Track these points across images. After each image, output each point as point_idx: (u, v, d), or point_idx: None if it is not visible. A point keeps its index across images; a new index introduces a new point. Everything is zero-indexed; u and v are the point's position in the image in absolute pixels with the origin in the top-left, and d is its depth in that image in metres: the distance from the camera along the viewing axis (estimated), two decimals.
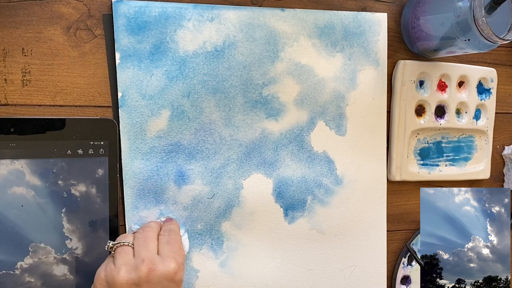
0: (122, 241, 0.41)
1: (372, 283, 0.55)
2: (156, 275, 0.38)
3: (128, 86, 0.44)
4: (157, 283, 0.38)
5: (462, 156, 0.58)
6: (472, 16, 0.43)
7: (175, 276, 0.39)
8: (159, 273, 0.38)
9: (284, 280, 0.51)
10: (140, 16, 0.44)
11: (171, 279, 0.39)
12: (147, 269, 0.38)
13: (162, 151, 0.46)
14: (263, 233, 0.50)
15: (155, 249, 0.41)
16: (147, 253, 0.40)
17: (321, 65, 0.50)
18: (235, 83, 0.47)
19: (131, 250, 0.40)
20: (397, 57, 0.54)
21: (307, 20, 0.49)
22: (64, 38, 0.43)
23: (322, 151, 0.51)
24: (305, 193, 0.51)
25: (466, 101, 0.56)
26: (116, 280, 0.38)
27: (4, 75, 0.42)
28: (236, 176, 0.48)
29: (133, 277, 0.38)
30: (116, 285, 0.38)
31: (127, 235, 0.42)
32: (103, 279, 0.39)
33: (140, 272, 0.38)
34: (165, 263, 0.39)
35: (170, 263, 0.39)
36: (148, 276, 0.38)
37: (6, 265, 0.41)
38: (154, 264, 0.39)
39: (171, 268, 0.39)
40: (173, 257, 0.40)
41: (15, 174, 0.41)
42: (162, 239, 0.42)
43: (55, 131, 0.42)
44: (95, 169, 0.43)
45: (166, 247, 0.41)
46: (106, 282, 0.39)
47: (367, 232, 0.54)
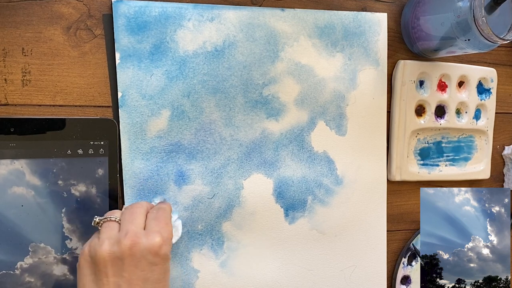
0: (109, 216, 0.40)
1: (372, 283, 0.55)
2: (140, 248, 0.37)
3: (128, 86, 0.44)
4: (141, 257, 0.37)
5: (462, 156, 0.58)
6: (472, 16, 0.43)
7: (159, 250, 0.38)
8: (142, 247, 0.37)
9: (284, 280, 0.51)
10: (140, 16, 0.44)
11: (155, 253, 0.38)
12: (130, 242, 0.37)
13: (162, 151, 0.46)
14: (263, 233, 0.50)
15: (141, 224, 0.39)
16: (132, 227, 0.38)
17: (321, 65, 0.50)
18: (235, 83, 0.47)
19: (117, 225, 0.39)
20: (397, 57, 0.54)
21: (307, 20, 0.49)
22: (64, 38, 0.43)
23: (323, 151, 0.51)
24: (306, 193, 0.51)
25: (466, 101, 0.56)
26: (98, 253, 0.37)
27: (4, 75, 0.41)
28: (237, 176, 0.48)
29: (116, 250, 0.37)
30: (98, 258, 0.37)
31: (115, 211, 0.41)
32: (86, 254, 0.38)
33: (122, 245, 0.37)
34: (149, 237, 0.38)
35: (155, 237, 0.38)
36: (131, 249, 0.37)
37: (6, 265, 0.41)
38: (137, 237, 0.37)
39: (155, 242, 0.38)
40: (159, 231, 0.39)
41: (15, 174, 0.41)
42: (150, 215, 0.41)
43: (55, 131, 0.42)
44: (95, 169, 0.43)
45: (152, 222, 0.40)
46: (90, 257, 0.38)
47: (367, 232, 0.54)
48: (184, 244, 0.47)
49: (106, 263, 0.37)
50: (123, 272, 0.37)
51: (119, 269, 0.37)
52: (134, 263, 0.37)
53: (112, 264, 0.37)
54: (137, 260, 0.37)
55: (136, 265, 0.37)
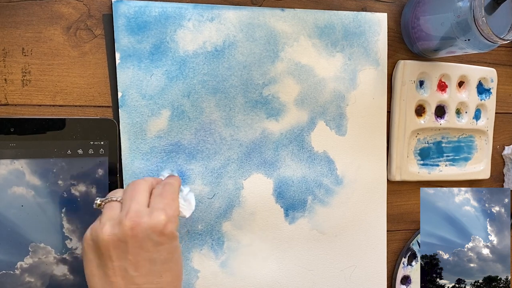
0: (110, 197, 0.38)
1: (372, 283, 0.55)
2: (142, 228, 0.34)
3: (128, 86, 0.44)
4: (145, 237, 0.35)
5: (462, 156, 0.58)
6: (472, 16, 0.43)
7: (164, 229, 0.35)
8: (145, 226, 0.34)
9: (284, 280, 0.51)
10: (140, 16, 0.44)
11: (160, 232, 0.35)
12: (131, 222, 0.34)
13: (162, 151, 0.46)
14: (263, 233, 0.50)
15: (144, 201, 0.37)
16: (134, 205, 0.36)
17: (321, 65, 0.50)
18: (235, 83, 0.47)
19: (119, 205, 0.37)
20: (397, 57, 0.54)
21: (307, 20, 0.49)
22: (64, 38, 0.43)
23: (323, 151, 0.51)
24: (306, 193, 0.51)
25: (466, 101, 0.56)
26: (100, 237, 0.34)
27: (4, 75, 0.41)
28: (237, 176, 0.48)
29: (117, 232, 0.34)
30: (100, 242, 0.34)
31: (117, 190, 0.39)
32: (88, 238, 0.36)
33: (124, 226, 0.34)
34: (152, 215, 0.35)
35: (159, 215, 0.35)
36: (133, 229, 0.34)
37: (6, 265, 0.41)
38: (138, 216, 0.35)
39: (159, 220, 0.35)
40: (163, 208, 0.36)
41: (15, 174, 0.41)
42: (155, 191, 0.38)
43: (55, 131, 0.42)
44: (95, 169, 0.43)
45: (157, 198, 0.37)
46: (92, 240, 0.35)
47: (367, 232, 0.54)
48: (184, 244, 0.47)
49: (108, 246, 0.34)
50: (128, 255, 0.35)
51: (123, 252, 0.35)
52: (138, 244, 0.35)
53: (115, 247, 0.34)
54: (141, 241, 0.35)
55: (140, 246, 0.35)
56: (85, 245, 0.36)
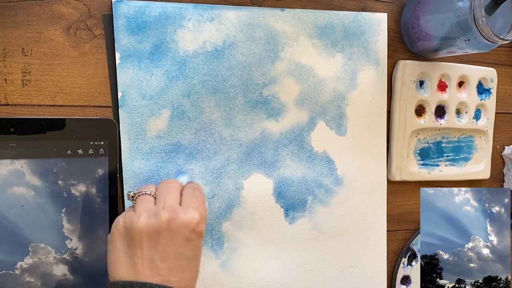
0: (144, 190, 0.40)
1: (372, 283, 0.55)
2: (177, 222, 0.36)
3: (128, 86, 0.44)
4: (178, 231, 0.36)
5: (462, 156, 0.58)
6: (472, 16, 0.43)
7: (197, 227, 0.37)
8: (180, 221, 0.36)
9: (284, 280, 0.51)
10: (140, 16, 0.44)
11: (192, 229, 0.37)
12: (168, 216, 0.36)
13: (162, 151, 0.46)
14: (263, 233, 0.50)
15: (177, 199, 0.39)
16: (169, 201, 0.38)
17: (321, 65, 0.50)
18: (235, 83, 0.47)
19: (152, 199, 0.39)
20: (397, 57, 0.54)
21: (307, 20, 0.49)
22: (64, 38, 0.43)
23: (322, 151, 0.51)
24: (306, 193, 0.51)
25: (466, 101, 0.56)
26: (135, 225, 0.36)
27: (4, 75, 0.41)
28: (237, 176, 0.48)
29: (153, 222, 0.36)
30: (134, 230, 0.36)
31: (148, 185, 0.41)
32: (121, 225, 0.37)
33: (161, 217, 0.36)
34: (188, 212, 0.37)
35: (194, 212, 0.37)
36: (169, 222, 0.36)
37: (6, 265, 0.41)
38: (175, 211, 0.37)
39: (194, 218, 0.37)
40: (196, 207, 0.38)
41: (15, 174, 0.41)
42: (185, 193, 0.40)
43: (55, 131, 0.42)
44: (95, 169, 0.43)
45: (189, 199, 0.39)
46: (124, 228, 0.37)
47: (367, 232, 0.54)
48: None
49: (142, 235, 0.36)
50: (158, 246, 0.36)
51: (155, 242, 0.36)
52: (170, 237, 0.36)
53: (148, 236, 0.36)
54: (173, 234, 0.36)
55: (171, 239, 0.36)
56: (115, 232, 0.37)
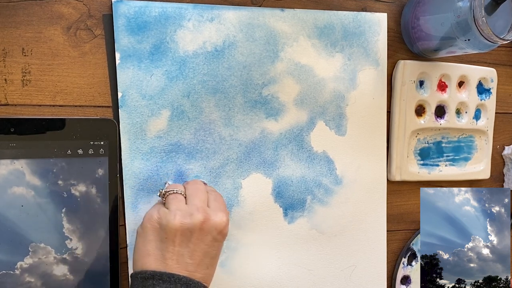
0: (175, 189, 0.42)
1: (372, 283, 0.55)
2: (209, 224, 0.40)
3: (128, 86, 0.44)
4: (208, 232, 0.40)
5: (462, 156, 0.58)
6: (472, 16, 0.43)
7: (224, 229, 0.41)
8: (212, 223, 0.40)
9: (284, 280, 0.51)
10: (140, 16, 0.44)
11: (220, 231, 0.40)
12: (203, 217, 0.39)
13: (162, 151, 0.46)
14: (262, 233, 0.50)
15: (206, 201, 0.42)
16: (201, 203, 0.41)
17: (321, 65, 0.50)
18: (235, 83, 0.47)
19: (183, 198, 0.42)
20: (397, 57, 0.54)
21: (306, 20, 0.49)
22: (64, 38, 0.43)
23: (322, 151, 0.51)
24: (305, 193, 0.51)
25: (466, 101, 0.56)
26: (170, 223, 0.39)
27: (4, 75, 0.42)
28: (235, 175, 0.48)
29: (188, 222, 0.39)
30: (170, 227, 0.39)
31: (177, 185, 0.44)
32: (155, 221, 0.40)
33: (195, 219, 0.39)
34: (218, 215, 0.40)
35: (223, 216, 0.41)
36: (202, 223, 0.39)
37: (6, 265, 0.41)
38: (208, 214, 0.40)
39: (223, 220, 0.40)
40: (224, 211, 0.41)
41: (15, 174, 0.41)
42: (211, 196, 0.43)
43: (55, 131, 0.42)
44: (95, 169, 0.43)
45: (215, 202, 0.42)
46: (159, 224, 0.40)
47: (367, 232, 0.54)
48: None
49: (176, 232, 0.39)
50: (189, 243, 0.39)
51: (187, 240, 0.39)
52: (201, 237, 0.39)
53: (181, 234, 0.39)
54: (204, 234, 0.40)
55: (202, 238, 0.39)
56: (148, 226, 0.40)
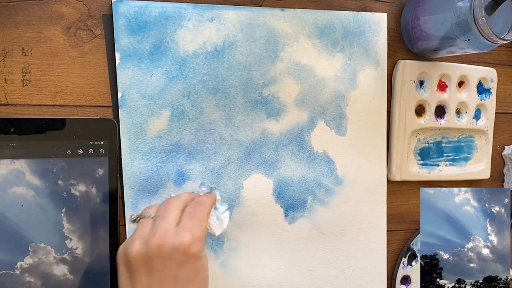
0: (145, 213, 0.40)
1: (372, 283, 0.55)
2: (168, 248, 0.36)
3: (128, 86, 0.44)
4: (169, 256, 0.36)
5: (462, 156, 0.58)
6: (472, 16, 0.43)
7: (188, 249, 0.37)
8: (170, 246, 0.36)
9: (284, 280, 0.51)
10: (140, 16, 0.44)
11: (184, 253, 0.37)
12: (158, 242, 0.36)
13: (162, 151, 0.46)
14: (263, 233, 0.50)
15: (173, 221, 0.38)
16: (162, 224, 0.37)
17: (321, 65, 0.50)
18: (235, 83, 0.47)
19: (151, 222, 0.39)
20: (397, 57, 0.54)
21: (307, 20, 0.49)
22: (64, 38, 0.43)
23: (322, 151, 0.51)
24: (305, 193, 0.51)
25: (466, 101, 0.56)
26: (128, 252, 0.37)
27: (4, 75, 0.42)
28: (236, 176, 0.48)
29: (143, 249, 0.36)
30: (130, 257, 0.37)
31: (152, 206, 0.42)
32: (121, 252, 0.38)
33: (151, 244, 0.36)
34: (178, 236, 0.37)
35: (184, 235, 0.37)
36: (159, 248, 0.36)
37: (6, 265, 0.41)
38: (165, 236, 0.36)
39: (184, 241, 0.36)
40: (190, 229, 0.37)
41: (15, 174, 0.41)
42: (187, 210, 0.40)
43: (55, 131, 0.42)
44: (95, 169, 0.43)
45: (186, 218, 0.39)
46: (123, 254, 0.38)
47: (367, 232, 0.54)
48: None
49: (137, 262, 0.37)
50: (153, 272, 0.37)
51: (149, 268, 0.37)
52: (163, 263, 0.36)
53: (142, 264, 0.37)
54: (166, 260, 0.36)
55: (164, 264, 0.36)
56: (117, 258, 0.39)
